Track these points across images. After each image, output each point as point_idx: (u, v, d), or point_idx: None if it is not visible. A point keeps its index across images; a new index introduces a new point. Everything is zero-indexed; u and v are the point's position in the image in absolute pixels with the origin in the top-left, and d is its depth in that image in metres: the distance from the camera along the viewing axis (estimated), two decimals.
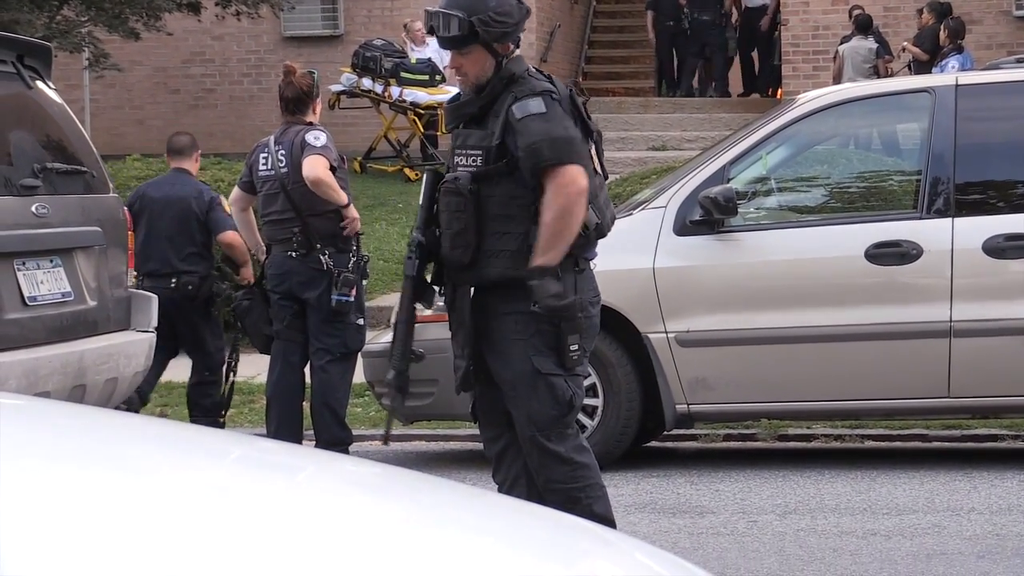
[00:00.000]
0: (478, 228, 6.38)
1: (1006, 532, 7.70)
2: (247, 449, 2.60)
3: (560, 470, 6.55)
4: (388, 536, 2.16)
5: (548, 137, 6.31)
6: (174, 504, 2.21)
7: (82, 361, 8.23)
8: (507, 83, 6.44)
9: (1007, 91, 9.67)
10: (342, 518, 2.24)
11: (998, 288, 9.25)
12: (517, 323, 6.44)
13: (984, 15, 21.33)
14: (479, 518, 2.28)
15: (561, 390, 6.45)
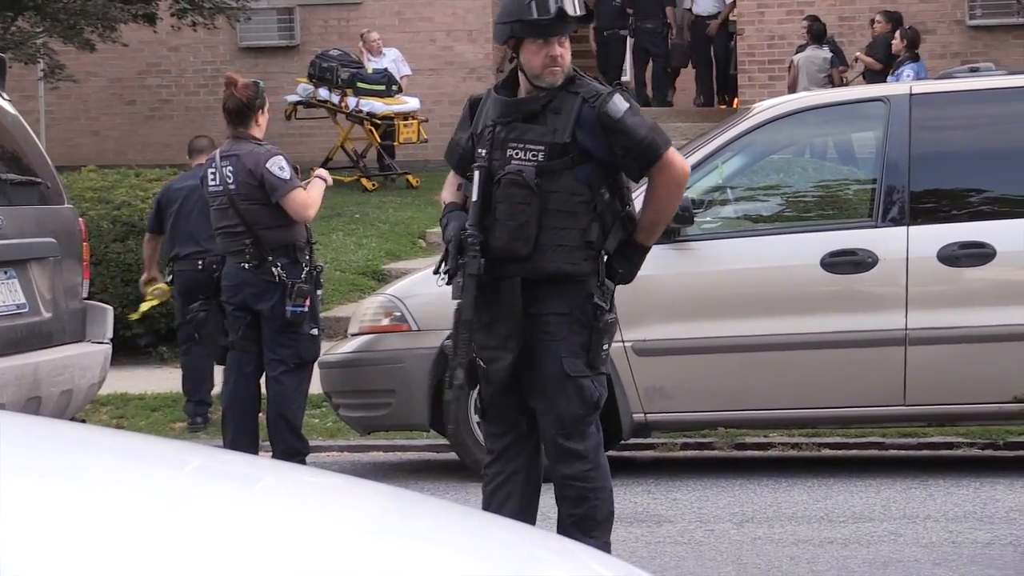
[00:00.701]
0: (539, 221, 6.46)
1: (962, 539, 7.74)
2: (204, 460, 2.60)
3: (577, 467, 6.64)
4: (345, 545, 2.17)
5: (652, 128, 6.54)
6: (131, 514, 2.21)
7: (37, 373, 8.20)
8: (566, 81, 6.54)
9: (961, 100, 9.73)
10: (299, 528, 2.24)
11: (953, 296, 9.28)
12: (552, 324, 6.52)
13: (938, 24, 21.43)
14: (435, 527, 2.29)
15: (589, 391, 6.58)
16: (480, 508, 8.30)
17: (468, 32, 22.54)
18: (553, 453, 6.67)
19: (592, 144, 6.47)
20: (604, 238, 6.55)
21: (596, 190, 6.50)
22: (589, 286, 6.53)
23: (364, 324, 9.87)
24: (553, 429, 6.60)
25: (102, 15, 18.50)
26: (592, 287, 6.54)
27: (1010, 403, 9.27)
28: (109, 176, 14.74)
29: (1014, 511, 8.32)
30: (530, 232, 6.45)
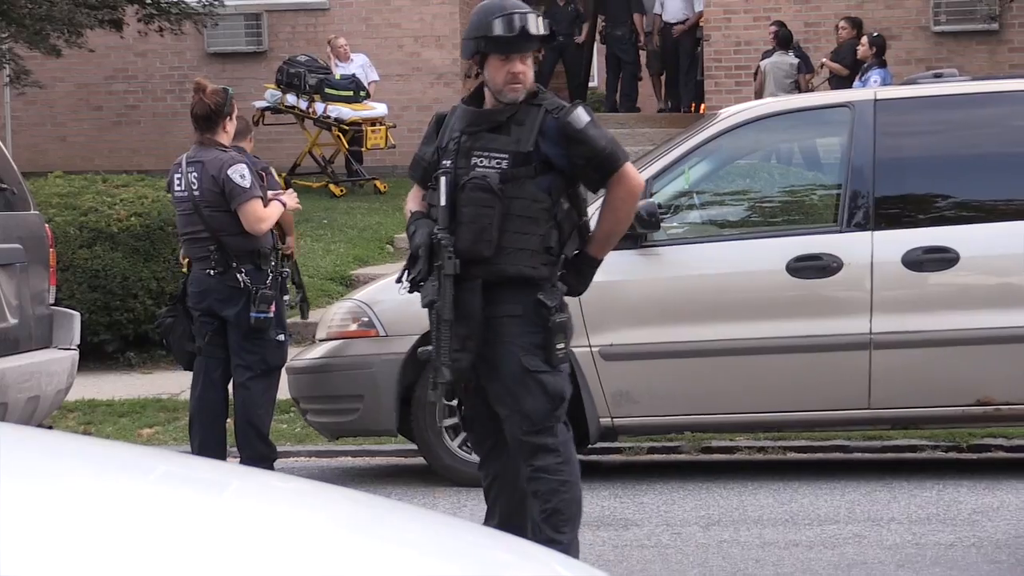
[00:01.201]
0: (501, 225, 6.67)
1: (925, 541, 7.78)
2: (171, 466, 2.62)
3: (549, 460, 6.79)
4: (312, 548, 2.18)
5: (612, 141, 6.77)
6: (99, 520, 2.22)
7: (3, 379, 8.18)
8: (529, 96, 6.77)
9: (925, 106, 9.76)
10: (267, 531, 2.25)
11: (917, 300, 9.32)
12: (506, 325, 6.72)
13: (903, 31, 21.51)
14: (401, 532, 2.30)
15: (552, 385, 6.75)
16: (447, 513, 8.33)
17: (436, 38, 22.54)
18: (522, 451, 6.78)
19: (554, 154, 6.66)
20: (562, 245, 6.78)
21: (556, 199, 6.72)
22: (541, 288, 6.73)
23: (332, 330, 9.87)
24: (520, 429, 6.73)
25: (68, 20, 18.44)
26: (543, 289, 6.73)
27: (974, 406, 9.32)
28: (76, 182, 14.70)
29: (977, 513, 8.37)
30: (492, 235, 6.65)
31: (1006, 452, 10.39)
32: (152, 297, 13.68)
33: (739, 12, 22.04)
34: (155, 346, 13.57)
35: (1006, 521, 8.17)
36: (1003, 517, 8.27)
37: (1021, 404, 9.27)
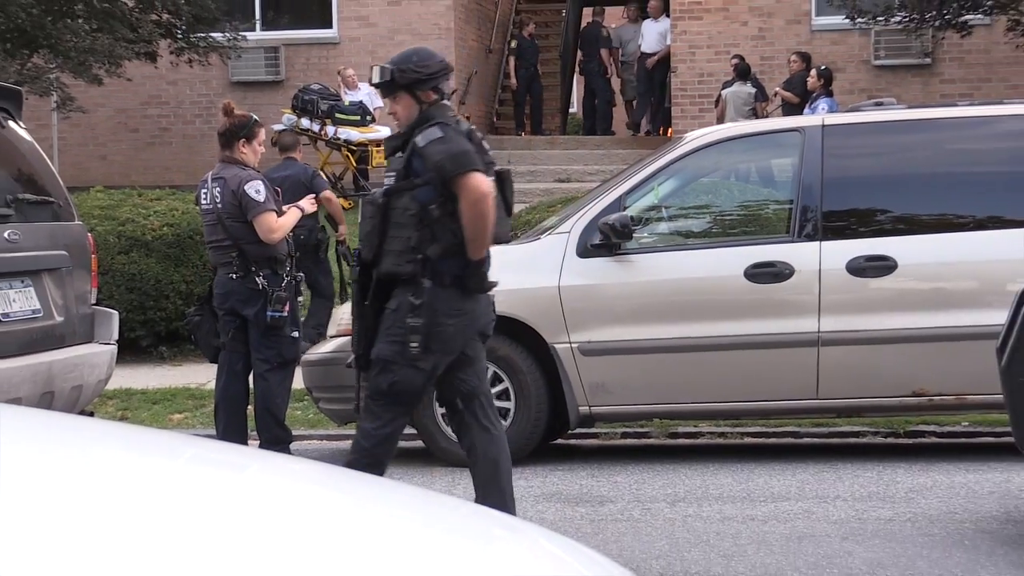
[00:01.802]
0: (381, 231, 6.97)
1: (867, 516, 7.78)
2: (199, 449, 2.61)
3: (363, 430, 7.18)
4: (322, 523, 2.17)
5: (448, 154, 6.85)
6: (134, 497, 2.21)
7: (50, 371, 8.17)
8: (424, 123, 7.00)
9: (867, 131, 9.77)
10: (283, 507, 2.25)
11: (860, 303, 9.33)
12: (385, 319, 7.01)
13: (847, 64, 21.55)
14: (400, 506, 2.30)
15: (385, 376, 7.01)
16: (442, 490, 8.32)
17: None
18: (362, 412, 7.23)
19: (419, 168, 6.91)
20: (427, 245, 6.93)
21: (426, 206, 6.90)
22: (412, 286, 6.95)
23: (341, 327, 9.86)
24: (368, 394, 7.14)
25: (109, 53, 18.45)
26: (415, 288, 6.95)
27: (909, 397, 9.33)
28: (115, 196, 14.70)
29: (913, 491, 8.37)
30: (374, 240, 6.99)
31: (938, 437, 10.40)
32: (182, 298, 13.66)
33: (703, 47, 22.07)
34: (184, 341, 13.56)
35: (938, 498, 8.18)
36: (936, 495, 8.27)
37: (951, 395, 9.29)
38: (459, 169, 6.81)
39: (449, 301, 6.94)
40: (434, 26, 22.53)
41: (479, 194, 6.82)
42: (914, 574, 6.58)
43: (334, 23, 22.87)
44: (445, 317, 6.93)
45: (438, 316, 6.91)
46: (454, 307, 6.95)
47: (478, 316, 7.06)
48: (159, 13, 19.62)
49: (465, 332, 7.02)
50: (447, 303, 6.93)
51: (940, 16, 18.87)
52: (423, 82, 7.04)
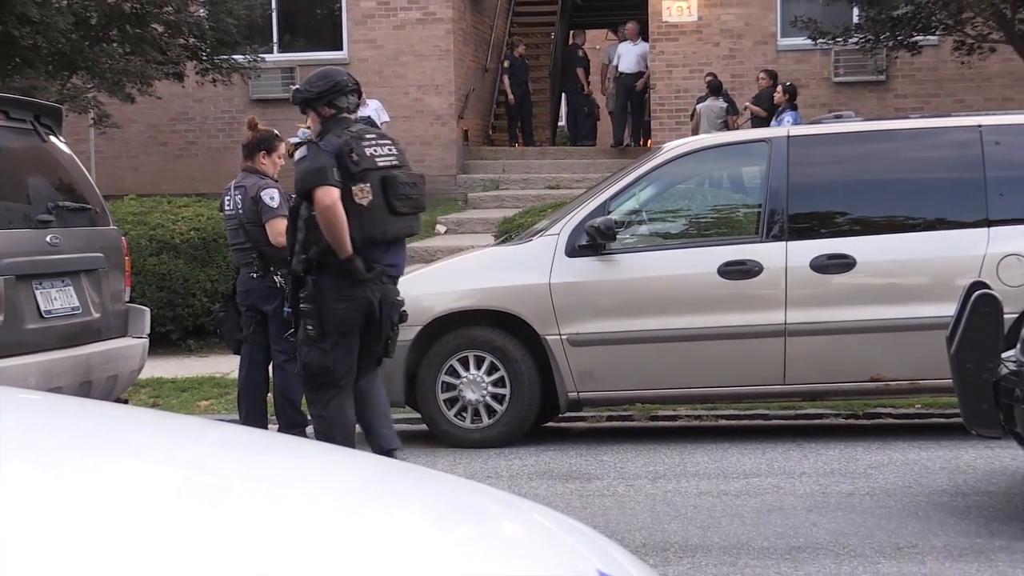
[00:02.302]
0: (292, 233, 7.62)
1: (830, 491, 7.78)
2: (222, 433, 2.60)
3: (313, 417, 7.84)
4: (335, 499, 2.17)
5: (303, 171, 7.37)
6: (164, 477, 2.21)
7: (88, 362, 8.16)
8: (324, 135, 7.54)
9: (828, 141, 9.77)
10: (300, 484, 2.24)
11: (822, 297, 9.33)
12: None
13: (810, 81, 21.54)
14: (406, 485, 2.29)
15: (302, 355, 7.63)
16: (444, 470, 8.31)
17: (435, 87, 22.52)
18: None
19: None
20: (311, 246, 7.44)
21: (310, 211, 7.43)
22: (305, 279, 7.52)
23: None
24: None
25: (140, 74, 18.44)
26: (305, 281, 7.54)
27: (867, 382, 9.33)
28: (146, 203, 14.69)
29: (871, 468, 8.37)
30: (289, 241, 7.70)
31: (894, 419, 10.40)
32: (207, 295, 13.65)
33: (679, 66, 22.06)
34: (210, 335, 13.54)
35: (894, 474, 8.18)
36: (892, 471, 8.27)
37: (906, 380, 9.29)
38: (307, 185, 7.32)
39: (337, 288, 7.43)
40: (435, 48, 22.51)
41: (322, 206, 7.26)
42: (873, 542, 6.57)
43: (344, 45, 22.85)
44: (334, 302, 7.44)
45: (328, 301, 7.43)
46: (342, 293, 7.44)
47: (369, 300, 7.51)
48: (186, 37, 19.61)
49: (356, 314, 7.50)
50: (335, 290, 7.43)
51: (893, 37, 18.89)
52: (316, 100, 7.52)
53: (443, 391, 9.55)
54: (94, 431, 2.48)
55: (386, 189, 7.40)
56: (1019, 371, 6.85)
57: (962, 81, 20.83)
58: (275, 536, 1.92)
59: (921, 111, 19.14)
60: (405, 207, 7.46)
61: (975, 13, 17.91)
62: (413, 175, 7.65)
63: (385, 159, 7.43)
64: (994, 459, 8.40)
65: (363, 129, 7.53)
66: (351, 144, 7.33)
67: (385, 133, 8.03)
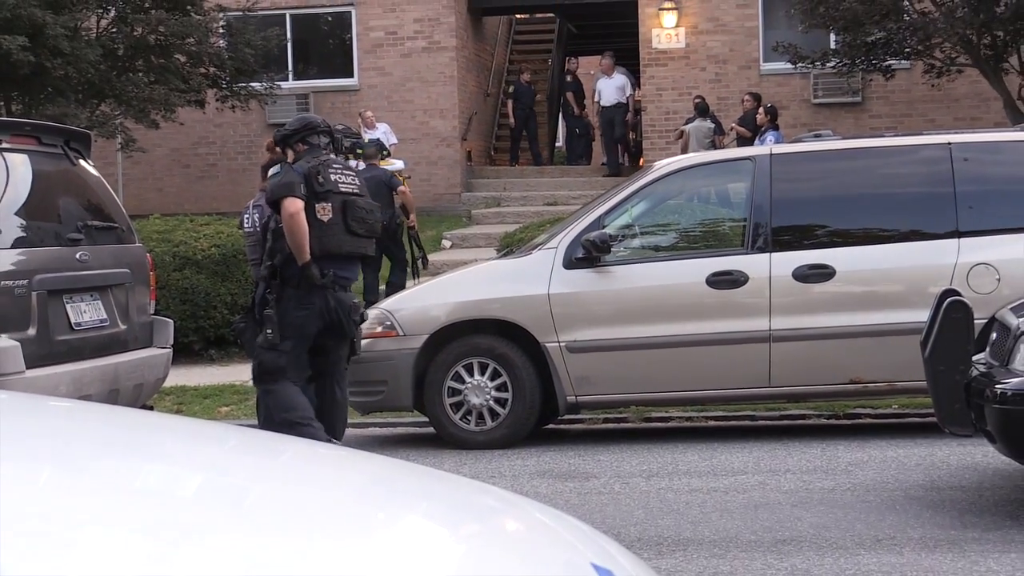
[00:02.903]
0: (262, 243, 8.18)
1: (813, 487, 7.76)
2: (242, 437, 2.59)
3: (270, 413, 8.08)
4: (348, 496, 2.17)
5: (274, 186, 8.04)
6: (186, 478, 2.21)
7: (116, 371, 8.16)
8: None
9: (809, 159, 9.77)
10: (313, 485, 2.24)
11: (804, 305, 9.32)
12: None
13: (791, 102, 21.58)
14: (414, 484, 2.29)
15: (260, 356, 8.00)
16: (449, 470, 8.29)
17: (440, 111, 22.56)
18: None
19: None
20: (276, 254, 7.91)
21: (278, 223, 7.91)
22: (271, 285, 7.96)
23: (363, 330, 9.84)
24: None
25: (164, 101, 18.49)
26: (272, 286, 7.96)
27: (847, 384, 9.32)
28: (170, 222, 14.69)
29: (851, 465, 8.36)
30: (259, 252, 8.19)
31: (872, 419, 10.38)
32: (228, 308, 13.65)
33: (668, 89, 22.09)
34: (230, 345, 13.55)
35: (874, 471, 8.16)
36: (871, 468, 8.26)
37: (883, 382, 9.28)
38: (276, 196, 7.84)
39: (298, 298, 7.83)
40: (440, 74, 22.54)
41: (287, 213, 7.78)
42: (854, 535, 6.56)
43: (355, 73, 22.89)
44: (295, 310, 7.83)
45: (289, 310, 7.81)
46: (302, 302, 7.83)
47: (329, 309, 7.91)
48: (207, 67, 19.65)
49: (315, 320, 7.88)
50: (296, 300, 7.82)
51: (868, 61, 18.91)
52: (291, 137, 8.31)
53: (449, 396, 9.54)
54: (120, 436, 2.47)
55: (345, 211, 8.04)
56: (989, 373, 6.84)
57: (932, 102, 20.84)
58: (292, 533, 1.91)
59: (895, 130, 19.17)
60: (360, 228, 8.09)
61: (943, 39, 17.92)
62: (371, 203, 8.35)
63: (347, 186, 8.12)
64: (966, 456, 8.38)
65: (331, 160, 8.22)
66: (318, 168, 8.01)
67: (350, 166, 8.87)
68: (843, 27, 18.46)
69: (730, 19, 21.79)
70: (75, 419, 2.61)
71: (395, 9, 22.57)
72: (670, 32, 21.95)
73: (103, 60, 17.85)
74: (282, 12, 22.49)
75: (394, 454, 9.34)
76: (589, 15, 25.84)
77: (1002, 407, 6.59)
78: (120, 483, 2.09)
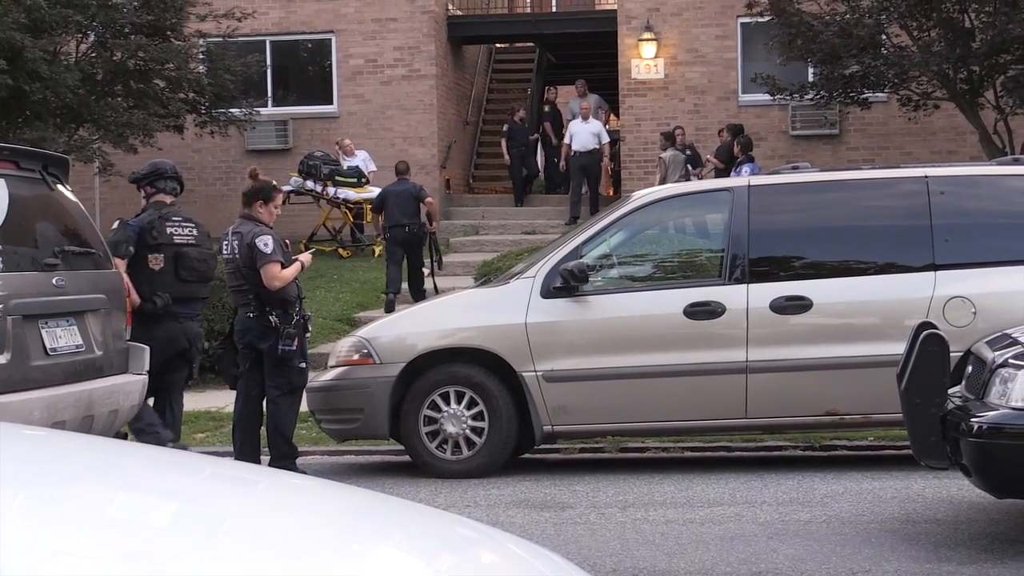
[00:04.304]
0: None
1: (789, 519, 7.76)
2: (216, 467, 2.58)
3: None
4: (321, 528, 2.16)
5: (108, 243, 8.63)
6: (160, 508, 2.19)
7: (91, 397, 8.10)
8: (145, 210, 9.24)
9: (786, 191, 9.80)
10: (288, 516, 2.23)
11: (781, 336, 9.33)
12: None
13: (768, 134, 21.66)
14: (389, 516, 2.28)
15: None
16: (427, 497, 8.25)
17: (419, 139, 22.57)
18: None
19: None
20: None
21: None
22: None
23: (340, 358, 9.83)
24: None
25: (143, 126, 18.45)
26: None
27: (824, 416, 9.33)
28: None
29: (827, 497, 8.36)
30: None
31: (848, 450, 10.39)
32: (205, 334, 13.56)
33: (647, 120, 22.16)
34: (206, 371, 13.46)
35: (849, 503, 8.16)
36: (847, 500, 8.26)
37: (859, 414, 9.29)
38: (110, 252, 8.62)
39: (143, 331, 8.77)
40: (419, 102, 22.57)
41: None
42: (830, 568, 6.55)
43: (335, 100, 22.90)
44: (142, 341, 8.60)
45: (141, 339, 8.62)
46: (146, 335, 8.77)
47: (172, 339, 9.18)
48: (186, 92, 19.64)
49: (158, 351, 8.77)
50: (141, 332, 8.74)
51: (845, 94, 19.02)
52: (141, 180, 9.43)
53: (425, 424, 9.52)
54: (94, 465, 2.46)
55: (177, 261, 9.18)
56: (964, 406, 6.86)
57: (909, 135, 20.96)
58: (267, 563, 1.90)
59: (872, 163, 19.26)
60: (190, 276, 9.17)
61: (920, 73, 18.04)
62: (204, 253, 9.34)
63: (183, 238, 9.18)
64: (942, 488, 8.40)
65: (171, 212, 9.28)
66: (154, 224, 9.11)
67: (191, 218, 9.54)
68: (821, 60, 18.56)
69: (709, 50, 21.89)
70: (48, 448, 2.59)
71: (375, 37, 22.61)
72: (649, 63, 22.03)
73: (82, 84, 17.82)
74: (262, 38, 22.50)
75: (370, 483, 9.30)
76: (569, 45, 25.93)
77: (977, 441, 6.61)
78: (94, 513, 2.07)
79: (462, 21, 24.57)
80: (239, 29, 20.16)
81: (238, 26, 19.90)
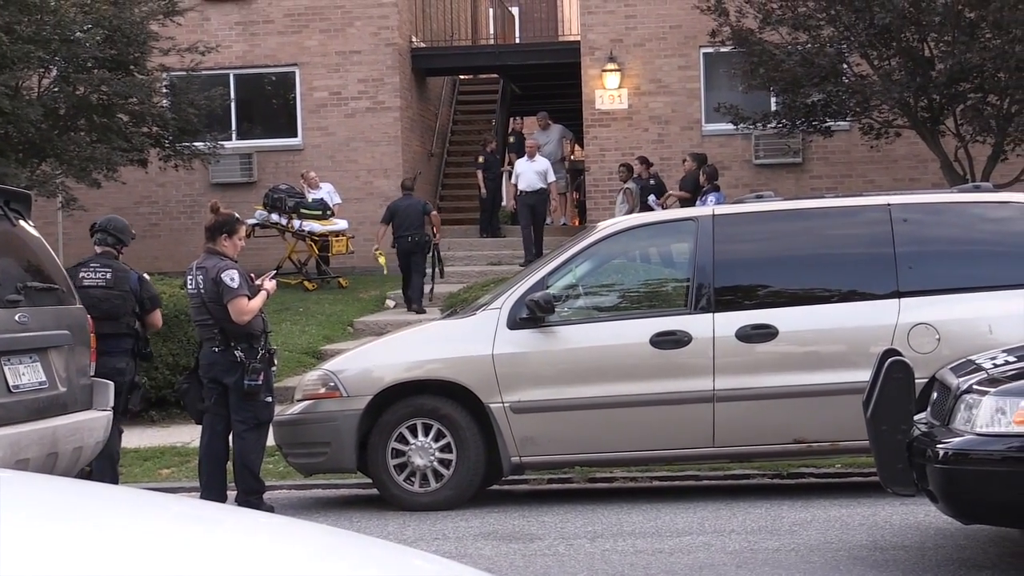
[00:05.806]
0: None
1: (758, 547, 7.76)
2: (182, 507, 2.56)
3: None
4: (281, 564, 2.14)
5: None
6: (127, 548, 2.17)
7: (55, 435, 8.04)
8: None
9: (750, 220, 9.83)
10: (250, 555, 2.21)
11: (747, 365, 9.34)
12: None
13: (732, 163, 21.76)
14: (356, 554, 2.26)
15: None
16: (395, 530, 8.20)
17: (383, 171, 22.57)
18: None
19: None
20: None
21: None
22: None
23: (306, 391, 9.78)
24: None
25: (106, 160, 18.39)
26: None
27: (791, 444, 9.35)
28: None
29: (796, 525, 8.36)
30: None
31: (816, 478, 10.40)
32: (169, 368, 13.51)
33: (611, 150, 22.23)
34: (172, 406, 13.40)
35: (817, 530, 8.17)
36: (815, 527, 8.26)
37: (826, 442, 9.31)
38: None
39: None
40: (383, 134, 22.59)
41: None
42: None
43: (299, 132, 22.89)
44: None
45: None
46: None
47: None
48: (150, 126, 19.59)
49: None
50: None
51: (808, 123, 19.15)
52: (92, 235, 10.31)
53: (393, 457, 9.48)
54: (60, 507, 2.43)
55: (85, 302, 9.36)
56: (930, 433, 6.89)
57: (872, 163, 21.10)
58: None
59: (835, 191, 19.37)
60: (94, 312, 9.15)
61: (881, 101, 18.18)
62: (107, 293, 9.64)
63: (91, 280, 9.68)
64: (909, 515, 8.41)
65: (92, 259, 10.09)
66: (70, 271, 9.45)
67: (111, 264, 9.91)
68: (783, 88, 18.68)
69: (672, 80, 22.00)
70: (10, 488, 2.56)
71: (339, 69, 22.63)
72: (613, 93, 22.13)
73: (44, 119, 17.75)
74: (226, 72, 22.48)
75: (337, 516, 9.25)
76: (533, 76, 26.01)
77: (943, 467, 6.63)
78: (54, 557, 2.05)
79: (426, 53, 24.62)
80: (203, 63, 20.14)
81: (202, 60, 19.87)
